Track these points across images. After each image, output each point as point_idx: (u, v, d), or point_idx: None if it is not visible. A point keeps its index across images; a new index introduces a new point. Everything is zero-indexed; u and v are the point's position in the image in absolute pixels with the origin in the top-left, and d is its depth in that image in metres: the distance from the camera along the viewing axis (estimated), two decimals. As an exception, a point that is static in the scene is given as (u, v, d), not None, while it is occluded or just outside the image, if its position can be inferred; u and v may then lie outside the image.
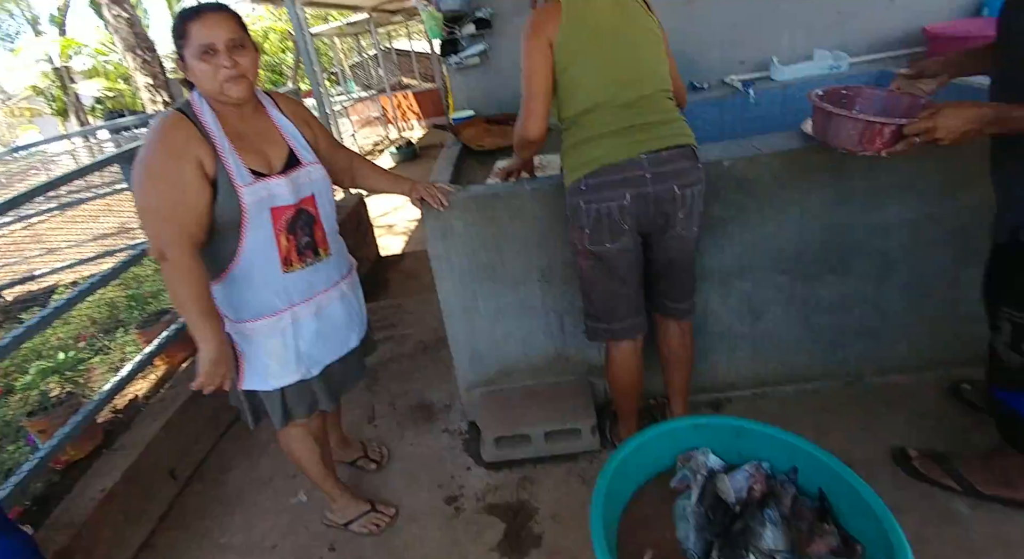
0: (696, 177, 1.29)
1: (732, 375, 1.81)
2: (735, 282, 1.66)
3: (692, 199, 1.29)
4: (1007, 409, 1.17)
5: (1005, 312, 1.11)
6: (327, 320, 1.30)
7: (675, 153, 1.26)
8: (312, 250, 1.24)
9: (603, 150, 1.27)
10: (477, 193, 1.58)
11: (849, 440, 1.56)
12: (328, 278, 1.29)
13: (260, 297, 1.21)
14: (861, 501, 0.94)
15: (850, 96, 1.30)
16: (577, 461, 1.67)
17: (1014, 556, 1.21)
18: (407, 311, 2.76)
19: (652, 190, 1.25)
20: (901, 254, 1.59)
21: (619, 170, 1.25)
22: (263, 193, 1.14)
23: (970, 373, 1.66)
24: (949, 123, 0.97)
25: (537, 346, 1.77)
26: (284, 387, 1.28)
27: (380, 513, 1.56)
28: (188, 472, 1.88)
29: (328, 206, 1.28)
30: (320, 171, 1.25)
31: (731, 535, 0.98)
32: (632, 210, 1.27)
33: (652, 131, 1.27)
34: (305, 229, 1.22)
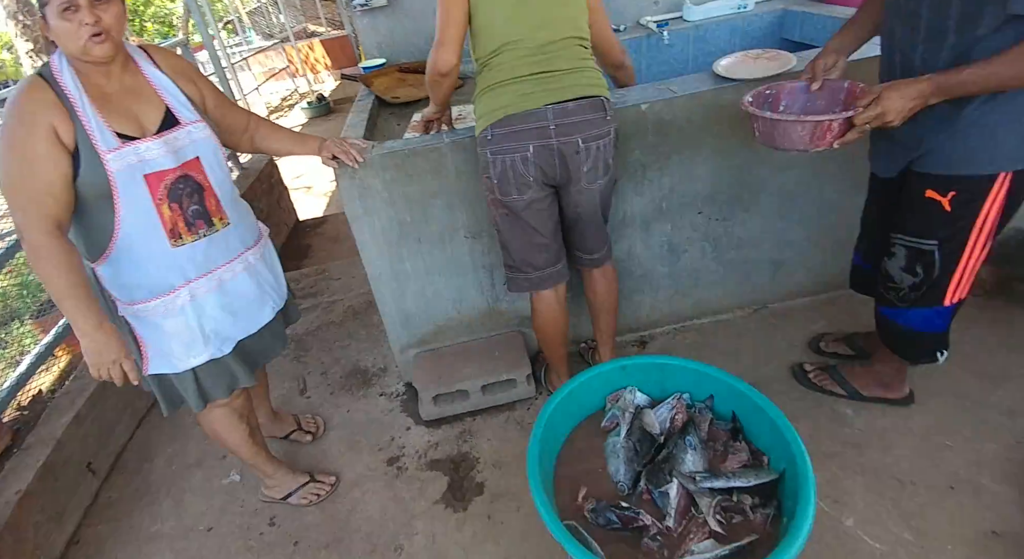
0: (604, 130, 1.27)
1: (656, 314, 1.91)
2: (655, 225, 1.71)
3: (598, 152, 1.28)
4: (892, 324, 1.33)
5: (899, 239, 1.22)
6: (234, 294, 1.21)
7: (583, 104, 1.23)
8: (204, 220, 1.12)
9: (509, 99, 1.22)
10: (394, 148, 1.48)
11: (756, 361, 1.74)
12: (229, 249, 1.19)
13: (150, 275, 1.09)
14: (766, 417, 1.04)
15: (775, 94, 1.31)
16: (515, 409, 1.72)
17: (886, 442, 1.43)
18: (332, 277, 2.63)
19: (556, 142, 1.23)
20: (800, 189, 1.70)
21: (523, 120, 1.22)
22: (132, 158, 1.01)
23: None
24: (895, 105, 0.99)
25: (469, 303, 1.76)
26: (195, 368, 1.19)
27: (319, 483, 1.54)
28: (108, 464, 1.76)
29: (219, 170, 1.15)
30: (204, 130, 1.12)
31: (656, 463, 1.05)
32: (536, 162, 1.25)
33: (560, 80, 1.23)
34: (192, 197, 1.10)
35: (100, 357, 1.03)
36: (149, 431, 1.90)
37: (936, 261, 1.16)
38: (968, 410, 1.47)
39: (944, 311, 1.24)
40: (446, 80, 1.31)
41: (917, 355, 1.35)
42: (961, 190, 1.08)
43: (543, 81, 1.22)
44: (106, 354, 1.03)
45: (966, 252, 1.15)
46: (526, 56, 1.22)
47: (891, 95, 1.00)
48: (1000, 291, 1.78)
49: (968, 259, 1.16)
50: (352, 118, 1.80)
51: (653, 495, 0.99)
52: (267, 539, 1.47)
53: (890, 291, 1.28)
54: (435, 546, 1.37)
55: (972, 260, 1.16)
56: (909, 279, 1.22)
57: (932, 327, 1.27)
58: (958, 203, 1.10)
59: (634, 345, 1.90)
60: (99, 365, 1.04)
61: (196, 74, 1.18)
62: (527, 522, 1.38)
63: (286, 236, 3.41)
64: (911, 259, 1.20)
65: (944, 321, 1.26)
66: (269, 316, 1.31)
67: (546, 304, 1.49)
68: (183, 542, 1.50)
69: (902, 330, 1.31)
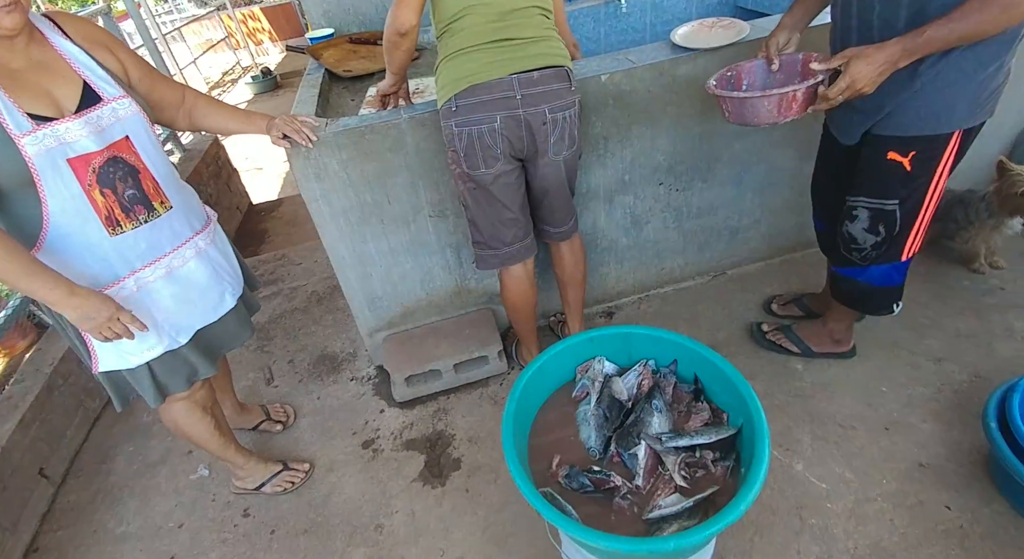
0: (569, 100, 1.26)
1: (621, 284, 1.96)
2: (618, 197, 1.74)
3: (565, 123, 1.27)
4: (851, 282, 1.40)
5: (861, 201, 1.27)
6: (186, 282, 1.15)
7: (548, 74, 1.22)
8: (143, 205, 1.05)
9: (473, 67, 1.19)
10: (350, 125, 1.42)
11: (716, 325, 1.82)
12: (175, 234, 1.12)
13: (90, 267, 1.02)
14: (725, 377, 1.10)
15: (737, 74, 1.33)
16: (488, 385, 1.75)
17: (831, 391, 1.54)
18: (293, 262, 2.55)
19: (522, 113, 1.21)
20: (753, 158, 1.76)
21: (488, 90, 1.19)
22: (50, 141, 0.92)
23: (809, 255, 1.99)
24: (864, 72, 1.01)
25: (436, 282, 1.75)
26: (150, 361, 1.13)
27: (293, 470, 1.53)
28: (62, 468, 1.68)
29: (153, 149, 1.07)
30: (131, 106, 1.03)
31: (625, 427, 1.10)
32: (504, 134, 1.23)
33: (525, 49, 1.20)
34: (126, 180, 1.02)
35: (94, 320, 0.97)
36: (105, 431, 1.82)
37: (897, 220, 1.23)
38: (902, 358, 1.60)
39: (901, 266, 1.32)
40: (405, 41, 1.24)
41: (877, 308, 1.44)
42: (920, 150, 1.14)
43: (507, 49, 1.19)
44: (100, 312, 0.96)
45: (923, 208, 1.22)
46: (489, 22, 1.18)
47: (858, 64, 1.02)
48: (931, 247, 1.92)
49: (924, 215, 1.23)
50: (302, 93, 1.71)
51: (623, 457, 1.04)
52: (242, 530, 1.45)
53: (853, 252, 1.33)
54: (415, 522, 1.40)
55: (927, 215, 1.24)
56: (872, 238, 1.28)
57: (891, 281, 1.35)
58: (918, 163, 1.15)
59: (602, 316, 1.95)
60: (99, 328, 0.98)
61: (114, 43, 1.07)
62: (504, 492, 1.42)
63: (239, 221, 3.25)
64: (874, 220, 1.25)
65: (901, 275, 1.35)
66: (230, 303, 1.26)
67: (515, 279, 1.50)
68: (153, 541, 1.46)
69: (863, 287, 1.38)
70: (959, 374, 1.54)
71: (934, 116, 1.10)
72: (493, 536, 1.34)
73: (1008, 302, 1.74)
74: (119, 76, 1.04)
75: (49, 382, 1.72)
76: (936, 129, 1.11)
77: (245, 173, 3.76)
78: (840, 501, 1.29)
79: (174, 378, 1.19)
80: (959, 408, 1.45)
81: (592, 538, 0.82)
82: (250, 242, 3.04)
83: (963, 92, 1.06)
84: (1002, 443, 1.18)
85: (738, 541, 1.25)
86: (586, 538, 0.82)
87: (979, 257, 1.83)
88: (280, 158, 4.40)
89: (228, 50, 7.88)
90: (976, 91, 1.07)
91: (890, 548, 1.20)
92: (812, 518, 1.27)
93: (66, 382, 1.79)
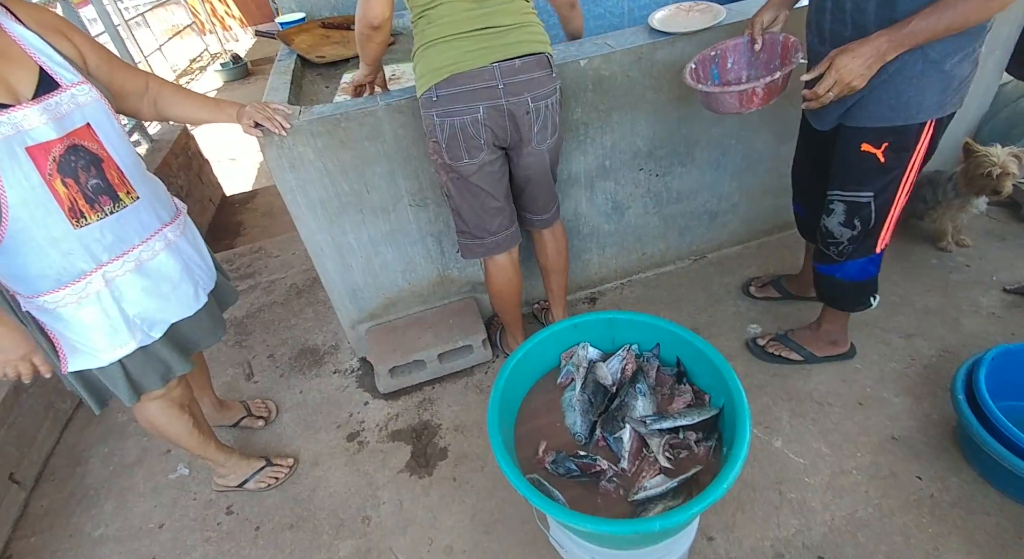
0: (551, 88, 1.25)
1: (604, 270, 1.97)
2: (599, 183, 1.74)
3: (547, 111, 1.26)
4: (831, 280, 1.40)
5: (837, 194, 1.27)
6: (156, 275, 1.11)
7: (529, 61, 1.20)
8: (108, 195, 1.00)
9: (453, 56, 1.16)
10: (324, 113, 1.38)
11: (697, 308, 1.85)
12: (143, 226, 1.08)
13: (53, 262, 0.98)
14: (707, 360, 1.12)
15: (722, 53, 1.32)
16: (473, 374, 1.75)
17: (807, 370, 1.57)
18: (270, 254, 2.49)
19: (505, 103, 1.19)
20: (731, 141, 1.78)
21: (470, 79, 1.17)
22: (7, 129, 0.88)
23: (785, 238, 2.02)
24: (850, 65, 1.00)
25: (418, 272, 1.73)
26: (122, 359, 1.10)
27: (277, 466, 1.51)
28: (34, 472, 1.63)
29: (116, 136, 1.03)
30: (91, 92, 0.99)
31: (610, 412, 1.11)
32: (487, 124, 1.21)
33: (504, 36, 1.18)
34: (89, 169, 0.97)
35: (5, 353, 0.93)
36: (78, 433, 1.77)
37: (872, 212, 1.23)
38: (874, 335, 1.65)
39: (876, 258, 1.32)
40: (378, 34, 1.22)
41: (854, 304, 1.43)
42: (893, 141, 1.14)
43: (487, 37, 1.16)
44: (15, 349, 0.94)
45: (896, 200, 1.23)
46: (468, 9, 1.15)
47: (844, 59, 1.01)
48: (900, 227, 1.97)
49: (896, 207, 1.24)
50: (274, 80, 1.66)
51: (608, 441, 1.05)
52: (226, 528, 1.43)
53: (830, 247, 1.33)
54: (403, 512, 1.40)
55: (899, 208, 1.25)
56: (848, 232, 1.28)
57: (867, 274, 1.35)
58: (891, 153, 1.15)
59: (585, 302, 1.96)
60: (5, 364, 0.94)
61: (70, 29, 1.02)
62: (492, 479, 1.43)
63: (213, 213, 3.16)
64: (849, 213, 1.26)
65: (876, 267, 1.35)
66: (204, 298, 1.22)
67: (500, 268, 1.49)
68: (133, 543, 1.43)
69: (841, 283, 1.38)
70: (928, 349, 1.60)
71: (904, 106, 1.10)
72: (482, 523, 1.35)
73: (974, 279, 1.80)
74: (77, 62, 1.00)
75: (16, 384, 1.66)
76: (907, 119, 1.11)
77: (217, 164, 3.65)
78: (817, 475, 1.34)
79: (148, 376, 1.16)
80: (928, 382, 1.51)
81: (579, 521, 0.82)
82: (225, 235, 2.96)
83: (932, 82, 1.07)
84: (969, 414, 1.23)
85: (721, 517, 1.28)
86: (573, 522, 0.83)
87: (946, 236, 1.89)
88: (254, 148, 4.27)
89: (195, 36, 7.58)
90: (945, 80, 1.07)
91: (865, 518, 1.24)
92: (791, 492, 1.31)
93: (34, 383, 1.73)
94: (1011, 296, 1.72)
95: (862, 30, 1.06)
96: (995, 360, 1.30)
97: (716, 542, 1.24)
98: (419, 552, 1.31)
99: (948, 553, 1.16)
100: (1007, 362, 1.31)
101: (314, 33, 2.00)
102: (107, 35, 3.09)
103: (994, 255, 1.88)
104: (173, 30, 7.38)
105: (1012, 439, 1.15)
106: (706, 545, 1.24)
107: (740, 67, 1.34)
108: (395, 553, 1.32)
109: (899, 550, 1.18)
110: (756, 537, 1.24)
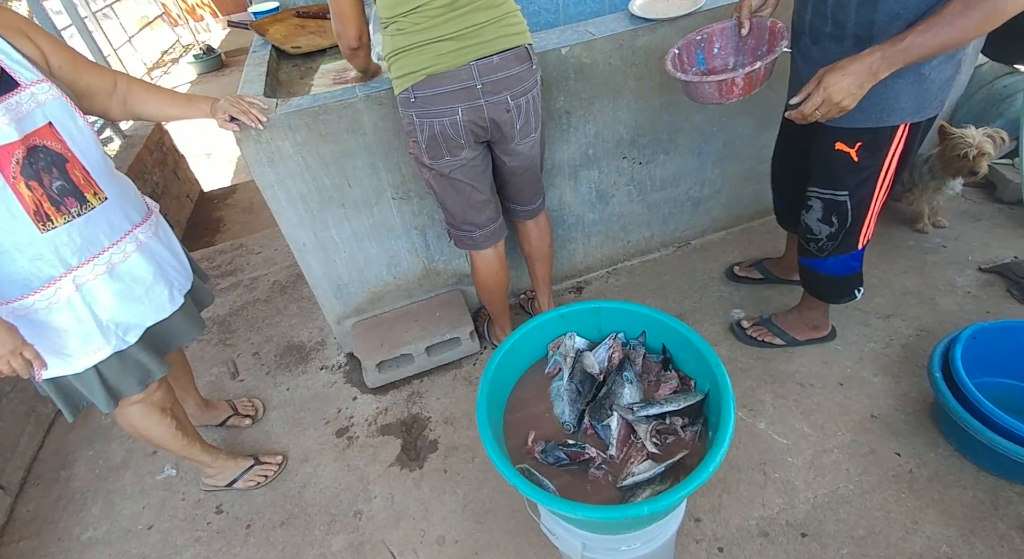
0: (531, 82, 1.23)
1: (589, 259, 1.98)
2: (583, 172, 1.73)
3: (528, 106, 1.23)
4: (814, 274, 1.43)
5: (815, 192, 1.29)
6: (129, 278, 1.08)
7: (507, 57, 1.17)
8: (74, 196, 0.98)
9: (429, 58, 1.14)
10: (302, 106, 1.35)
11: (681, 295, 1.87)
12: (113, 228, 1.05)
13: (21, 268, 0.95)
14: (691, 346, 1.13)
15: (708, 38, 1.29)
16: (461, 366, 1.75)
17: (790, 352, 1.60)
18: (251, 251, 2.45)
19: (484, 103, 1.17)
20: (713, 128, 1.78)
21: (448, 80, 1.14)
22: None
23: (767, 223, 2.04)
24: (840, 84, 0.93)
25: (403, 266, 1.72)
26: (98, 365, 1.07)
27: (265, 464, 1.50)
28: (18, 478, 1.60)
29: (80, 135, 0.99)
30: (51, 91, 0.96)
31: (598, 400, 1.12)
32: (467, 125, 1.20)
33: (481, 34, 1.15)
34: (53, 171, 0.94)
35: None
36: (62, 437, 1.74)
37: (849, 211, 1.24)
38: (853, 317, 1.69)
39: (858, 254, 1.34)
40: (360, 50, 1.24)
41: (840, 296, 1.46)
42: (867, 141, 1.14)
43: (463, 38, 1.14)
44: (2, 344, 0.90)
45: (873, 199, 1.23)
46: (441, 14, 1.11)
47: (833, 78, 0.96)
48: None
49: (874, 205, 1.25)
50: (248, 72, 1.62)
51: (596, 429, 1.06)
52: (216, 527, 1.42)
53: (810, 243, 1.35)
54: (394, 505, 1.40)
55: (877, 206, 1.25)
56: (826, 229, 1.29)
57: (850, 270, 1.37)
58: (865, 154, 1.15)
59: (571, 292, 1.97)
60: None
61: (32, 29, 0.98)
62: (482, 470, 1.44)
63: (191, 210, 3.09)
64: (827, 210, 1.27)
65: (859, 262, 1.37)
66: (180, 300, 1.20)
67: (487, 261, 1.48)
68: (123, 545, 1.42)
69: (825, 278, 1.40)
70: (906, 329, 1.63)
71: (876, 108, 1.08)
72: (473, 513, 1.36)
73: (949, 259, 1.84)
74: (39, 63, 0.96)
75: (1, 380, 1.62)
76: (879, 121, 1.09)
77: (193, 159, 3.56)
78: (800, 455, 1.37)
79: (125, 381, 1.14)
80: (906, 361, 1.55)
81: (569, 509, 0.83)
82: (204, 232, 2.90)
83: (909, 84, 1.04)
84: (946, 391, 1.26)
85: (708, 499, 1.31)
86: (563, 509, 0.84)
87: (923, 217, 1.93)
88: (230, 143, 4.17)
89: (167, 27, 7.35)
90: (922, 84, 1.03)
91: (847, 495, 1.28)
92: (775, 472, 1.34)
93: (14, 388, 1.69)
94: (986, 275, 1.76)
95: (841, 27, 1.05)
96: (971, 338, 1.33)
97: (703, 523, 1.27)
98: (412, 544, 1.32)
99: (927, 525, 1.20)
100: (982, 340, 1.35)
101: (289, 23, 1.95)
102: (74, 28, 2.98)
103: (970, 235, 1.92)
104: (143, 21, 7.14)
105: (987, 414, 1.19)
106: (693, 527, 1.26)
107: (727, 52, 1.32)
108: (388, 546, 1.32)
109: (879, 524, 1.22)
110: (742, 517, 1.27)
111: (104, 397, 1.11)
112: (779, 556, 1.20)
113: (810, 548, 1.20)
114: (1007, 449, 1.16)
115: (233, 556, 1.35)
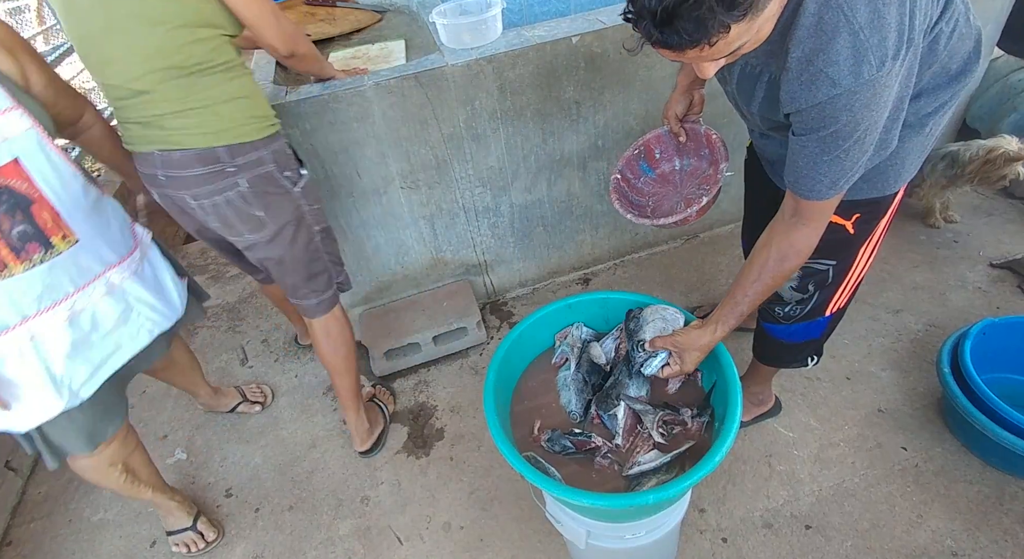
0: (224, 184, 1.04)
1: (597, 251, 1.97)
2: (592, 163, 1.72)
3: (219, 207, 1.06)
4: (771, 339, 1.26)
5: None
6: (89, 324, 0.97)
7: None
8: (38, 241, 0.86)
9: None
10: (311, 94, 1.35)
11: (689, 287, 1.86)
12: (81, 271, 0.93)
13: None
14: (699, 338, 1.13)
15: (646, 148, 1.26)
16: (468, 356, 1.75)
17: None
18: (260, 240, 2.46)
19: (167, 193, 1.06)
20: (725, 120, 1.76)
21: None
22: None
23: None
24: (694, 356, 0.99)
25: (411, 255, 1.72)
26: (41, 425, 0.97)
27: (200, 534, 1.36)
28: (29, 460, 1.63)
29: (52, 171, 0.87)
30: (21, 122, 0.83)
31: (604, 390, 1.12)
32: None
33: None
34: (14, 213, 0.83)
35: None
36: (74, 420, 1.76)
37: (829, 278, 1.11)
38: (862, 311, 1.68)
39: (823, 321, 1.19)
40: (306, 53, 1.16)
41: (790, 361, 1.31)
42: (865, 212, 1.04)
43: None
44: None
45: (857, 266, 1.12)
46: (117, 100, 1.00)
47: (690, 354, 1.00)
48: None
49: (856, 272, 1.12)
50: (258, 58, 1.62)
51: (603, 419, 1.06)
52: (225, 510, 1.45)
53: (775, 309, 1.19)
54: (401, 492, 1.42)
55: (859, 272, 1.13)
56: (798, 296, 1.15)
57: (809, 336, 1.23)
58: (861, 225, 1.05)
59: (578, 283, 1.97)
60: None
61: (17, 43, 0.88)
62: (488, 458, 1.45)
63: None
64: (804, 279, 1.12)
65: (821, 330, 1.22)
66: (145, 340, 1.07)
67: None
68: (133, 527, 1.45)
69: (782, 343, 1.26)
70: (915, 324, 1.62)
71: (882, 177, 0.99)
72: (478, 500, 1.37)
73: (960, 254, 1.82)
74: (17, 81, 0.87)
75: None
76: (884, 190, 1.01)
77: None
78: (806, 448, 1.37)
79: (72, 440, 1.03)
80: (915, 356, 1.54)
81: (575, 496, 0.84)
82: (213, 221, 2.92)
83: (912, 147, 0.96)
84: (955, 387, 1.26)
85: (712, 490, 1.31)
86: (569, 496, 0.85)
87: (934, 212, 1.91)
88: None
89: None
90: (925, 142, 0.97)
91: (851, 488, 1.28)
92: (780, 465, 1.34)
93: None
94: (997, 271, 1.75)
95: (751, 114, 0.97)
96: (980, 334, 1.33)
97: (707, 513, 1.28)
98: (418, 529, 1.34)
99: (932, 519, 1.21)
100: (992, 335, 1.34)
101: (298, 10, 1.94)
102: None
103: (981, 230, 1.90)
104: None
105: (996, 410, 1.19)
106: (698, 517, 1.27)
107: (671, 154, 1.28)
108: (394, 531, 1.34)
109: (884, 518, 1.22)
110: (746, 508, 1.27)
111: (48, 455, 1.03)
112: (783, 547, 1.20)
113: (814, 540, 1.21)
114: (1015, 445, 1.16)
115: (242, 539, 1.38)
